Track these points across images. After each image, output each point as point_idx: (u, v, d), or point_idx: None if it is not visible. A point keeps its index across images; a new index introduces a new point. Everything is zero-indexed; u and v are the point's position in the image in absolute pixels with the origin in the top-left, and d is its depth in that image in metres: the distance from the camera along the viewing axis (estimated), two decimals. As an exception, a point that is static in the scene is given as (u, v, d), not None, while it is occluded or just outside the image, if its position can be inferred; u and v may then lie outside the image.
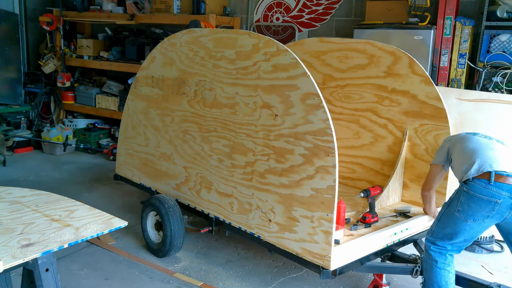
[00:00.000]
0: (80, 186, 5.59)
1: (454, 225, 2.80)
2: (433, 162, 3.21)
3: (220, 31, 3.46)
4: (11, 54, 7.59)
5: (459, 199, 2.78)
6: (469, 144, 2.94)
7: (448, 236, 2.85)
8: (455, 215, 2.79)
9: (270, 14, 6.54)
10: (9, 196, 2.51)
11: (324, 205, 2.72)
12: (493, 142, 2.93)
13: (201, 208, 3.68)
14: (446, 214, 2.87)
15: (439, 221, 2.92)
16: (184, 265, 3.77)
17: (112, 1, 7.38)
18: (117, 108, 7.19)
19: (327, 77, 4.24)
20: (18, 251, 1.92)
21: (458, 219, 2.78)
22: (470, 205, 2.72)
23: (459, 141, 3.04)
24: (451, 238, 2.84)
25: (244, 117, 3.22)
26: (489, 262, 4.00)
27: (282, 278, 3.64)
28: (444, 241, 2.87)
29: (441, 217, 2.90)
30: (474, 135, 3.05)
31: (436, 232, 2.91)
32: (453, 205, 2.82)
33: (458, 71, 4.92)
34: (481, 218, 2.72)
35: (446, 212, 2.88)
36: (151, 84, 4.07)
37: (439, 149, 3.21)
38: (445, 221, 2.86)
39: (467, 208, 2.74)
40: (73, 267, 3.68)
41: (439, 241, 2.89)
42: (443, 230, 2.86)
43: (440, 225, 2.90)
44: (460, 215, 2.76)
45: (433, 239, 2.92)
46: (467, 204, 2.73)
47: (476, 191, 2.71)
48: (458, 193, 2.82)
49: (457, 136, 3.13)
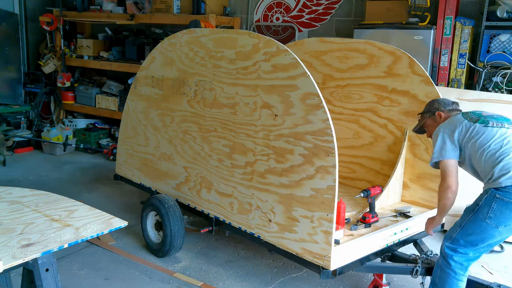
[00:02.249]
0: (80, 186, 5.59)
1: (482, 232, 2.68)
2: (449, 158, 2.80)
3: (220, 31, 3.46)
4: (11, 54, 7.59)
5: (490, 206, 2.63)
6: (488, 141, 2.71)
7: (472, 243, 2.72)
8: (485, 222, 2.65)
9: (270, 14, 6.54)
10: (9, 196, 2.51)
11: (324, 205, 2.72)
12: (508, 134, 2.72)
13: (201, 208, 3.68)
14: (472, 221, 2.71)
15: (462, 228, 2.75)
16: (184, 265, 3.77)
17: (112, 1, 7.38)
18: (117, 108, 7.19)
19: (327, 77, 4.24)
20: (18, 251, 1.92)
21: (488, 226, 2.65)
22: (503, 212, 2.61)
23: (474, 137, 2.76)
24: (476, 244, 2.72)
25: (244, 117, 3.22)
26: (489, 262, 4.00)
27: (282, 278, 3.64)
28: (467, 247, 2.74)
29: (466, 223, 2.74)
30: (485, 124, 2.78)
31: (458, 239, 2.75)
32: (483, 212, 2.66)
33: (458, 71, 4.92)
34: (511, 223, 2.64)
35: (472, 219, 2.71)
36: (151, 84, 4.07)
37: (444, 143, 2.83)
38: (471, 227, 2.71)
39: (499, 215, 2.61)
40: (73, 267, 3.68)
41: (461, 248, 2.75)
42: (468, 237, 2.72)
43: (464, 232, 2.74)
44: (491, 222, 2.63)
45: (454, 247, 2.77)
46: (500, 211, 2.61)
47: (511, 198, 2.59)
48: (488, 199, 2.66)
49: (462, 127, 2.82)
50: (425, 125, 3.18)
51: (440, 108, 3.10)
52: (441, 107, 3.11)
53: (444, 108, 3.10)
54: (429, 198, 3.62)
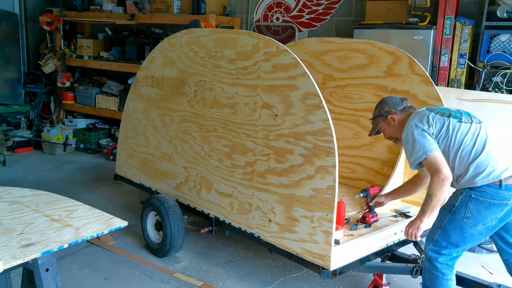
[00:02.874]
0: (80, 186, 5.59)
1: (462, 231, 2.67)
2: (435, 149, 2.64)
3: (220, 31, 3.46)
4: (11, 54, 7.59)
5: (466, 206, 2.62)
6: (463, 138, 2.65)
7: (454, 244, 2.71)
8: (463, 222, 2.64)
9: (270, 14, 6.53)
10: (9, 196, 2.51)
11: (324, 205, 2.72)
12: (479, 130, 2.67)
13: (201, 208, 3.68)
14: (450, 222, 2.69)
15: (442, 229, 2.73)
16: (184, 265, 3.77)
17: (112, 1, 7.38)
18: (117, 108, 7.19)
19: (327, 77, 4.24)
20: (18, 251, 1.92)
21: (466, 225, 2.64)
22: (480, 211, 2.60)
23: (447, 132, 2.68)
24: (457, 245, 2.71)
25: (244, 117, 3.22)
26: (489, 262, 4.00)
27: (282, 278, 3.64)
28: (450, 248, 2.73)
29: (445, 225, 2.73)
30: (456, 118, 2.70)
31: (440, 241, 2.74)
32: (460, 213, 2.65)
33: (458, 71, 4.92)
34: (491, 221, 2.62)
35: (450, 220, 2.70)
36: (151, 84, 4.07)
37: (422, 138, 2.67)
38: (450, 228, 2.68)
39: (476, 214, 2.61)
40: (73, 267, 3.68)
41: (444, 250, 2.74)
42: (449, 238, 2.71)
43: (444, 233, 2.73)
44: (469, 221, 2.62)
45: (437, 249, 2.76)
46: (477, 210, 2.61)
47: (487, 197, 2.59)
48: (464, 199, 2.64)
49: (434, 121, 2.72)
50: (380, 129, 3.08)
51: (391, 111, 2.98)
52: (392, 109, 2.98)
53: (395, 109, 2.98)
54: (429, 198, 3.62)
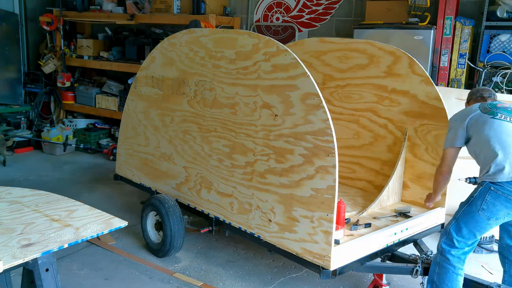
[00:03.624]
0: (80, 186, 5.59)
1: (475, 225, 2.75)
2: (450, 146, 2.94)
3: (220, 31, 3.46)
4: (11, 54, 7.59)
5: (484, 198, 2.72)
6: (494, 133, 2.76)
7: (467, 237, 2.79)
8: (478, 214, 2.74)
9: (270, 14, 6.53)
10: (9, 196, 2.51)
11: (324, 205, 2.72)
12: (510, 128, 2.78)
13: (201, 208, 3.68)
14: (466, 213, 2.80)
15: (456, 221, 2.84)
16: (184, 265, 3.77)
17: (112, 1, 7.39)
18: (117, 108, 7.19)
19: (327, 77, 4.24)
20: (18, 251, 1.92)
21: (480, 218, 2.74)
22: (495, 204, 2.69)
23: (480, 127, 2.83)
24: (469, 238, 2.79)
25: (244, 117, 3.22)
26: (489, 262, 4.00)
27: (282, 278, 3.64)
28: (463, 242, 2.81)
29: (460, 216, 2.83)
30: (493, 116, 2.82)
31: (453, 234, 2.83)
32: (476, 204, 2.75)
33: (458, 71, 4.92)
34: (503, 217, 2.72)
35: (466, 211, 2.81)
36: (151, 84, 4.07)
37: (453, 132, 2.94)
38: (464, 220, 2.80)
39: (492, 207, 2.70)
40: (73, 267, 3.68)
41: (457, 243, 2.82)
42: (462, 231, 2.80)
43: (458, 226, 2.82)
44: (484, 214, 2.72)
45: (451, 242, 2.84)
46: (493, 203, 2.70)
47: (505, 192, 2.68)
48: (483, 191, 2.75)
49: (471, 115, 2.90)
50: None
51: (469, 98, 3.25)
52: (471, 96, 3.24)
53: (471, 97, 3.23)
54: (429, 198, 3.62)
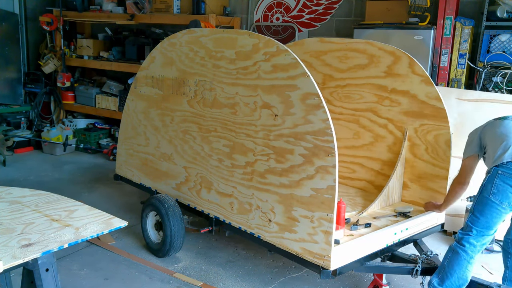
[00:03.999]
0: (80, 186, 5.59)
1: (490, 210, 2.82)
2: (468, 155, 3.12)
3: (220, 31, 3.46)
4: (11, 54, 7.59)
5: (493, 182, 2.82)
6: (501, 129, 2.96)
7: (484, 225, 2.85)
8: (490, 199, 2.82)
9: (270, 14, 6.53)
10: (9, 196, 2.51)
11: (324, 205, 2.72)
12: None
13: (201, 208, 3.68)
14: (479, 202, 2.88)
15: (471, 213, 2.92)
16: (184, 265, 3.77)
17: (112, 1, 7.38)
18: (117, 108, 7.19)
19: (327, 77, 4.24)
20: (18, 251, 1.92)
21: (493, 203, 2.81)
22: (505, 186, 2.78)
23: (489, 128, 3.05)
24: (487, 227, 2.85)
25: (244, 117, 3.22)
26: (489, 262, 4.00)
27: (282, 278, 3.64)
28: (479, 232, 2.87)
29: (474, 207, 2.91)
30: (504, 119, 3.05)
31: (469, 225, 2.90)
32: (487, 189, 2.84)
33: (458, 71, 4.92)
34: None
35: (478, 201, 2.89)
36: (151, 84, 4.07)
37: (469, 142, 3.16)
38: (479, 209, 2.87)
39: (502, 190, 2.78)
40: (73, 267, 3.68)
41: (473, 232, 2.87)
42: (478, 220, 2.86)
43: (473, 216, 2.89)
44: (495, 198, 2.80)
45: (467, 231, 2.90)
46: (502, 186, 2.79)
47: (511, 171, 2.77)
48: (491, 176, 2.85)
49: (485, 124, 3.13)
50: None
51: None
52: None
53: None
54: (429, 198, 3.62)
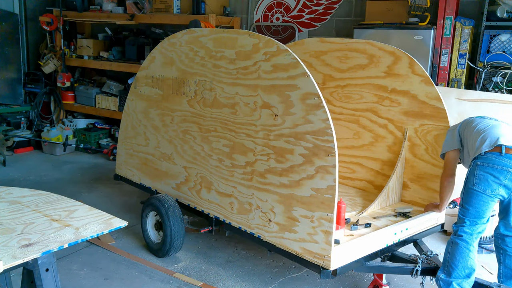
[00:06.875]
0: (80, 186, 5.59)
1: (477, 199, 2.93)
2: (448, 150, 3.28)
3: (220, 31, 3.46)
4: (11, 54, 7.59)
5: (474, 173, 2.96)
6: (479, 124, 3.14)
7: (475, 214, 2.95)
8: (473, 190, 2.94)
9: (270, 14, 6.54)
10: (9, 196, 2.51)
11: (324, 205, 2.72)
12: (499, 122, 3.17)
13: (201, 208, 3.68)
14: (465, 195, 3.01)
15: (461, 206, 3.05)
16: (184, 265, 3.77)
17: (112, 1, 7.39)
18: (117, 108, 7.19)
19: (327, 77, 4.24)
20: (18, 251, 1.92)
21: (477, 192, 2.94)
22: (485, 175, 2.91)
23: (468, 124, 3.22)
24: (478, 216, 2.95)
25: (244, 117, 3.22)
26: (489, 262, 4.00)
27: (282, 278, 3.64)
28: (471, 222, 2.97)
29: (463, 199, 3.03)
30: (481, 118, 3.24)
31: (461, 217, 3.01)
32: (470, 181, 2.98)
33: (458, 71, 4.92)
34: (497, 188, 2.90)
35: (465, 192, 3.02)
36: (151, 84, 4.07)
37: (449, 138, 3.31)
38: (467, 200, 2.99)
39: (483, 179, 2.91)
40: (73, 267, 3.68)
41: (466, 222, 2.98)
42: (468, 211, 2.97)
43: (463, 208, 3.01)
44: (479, 187, 2.93)
45: (462, 223, 3.01)
46: (483, 175, 2.92)
47: (489, 162, 2.91)
48: (472, 168, 2.99)
49: (463, 122, 3.30)
50: None
51: None
52: None
53: None
54: (429, 198, 3.62)
